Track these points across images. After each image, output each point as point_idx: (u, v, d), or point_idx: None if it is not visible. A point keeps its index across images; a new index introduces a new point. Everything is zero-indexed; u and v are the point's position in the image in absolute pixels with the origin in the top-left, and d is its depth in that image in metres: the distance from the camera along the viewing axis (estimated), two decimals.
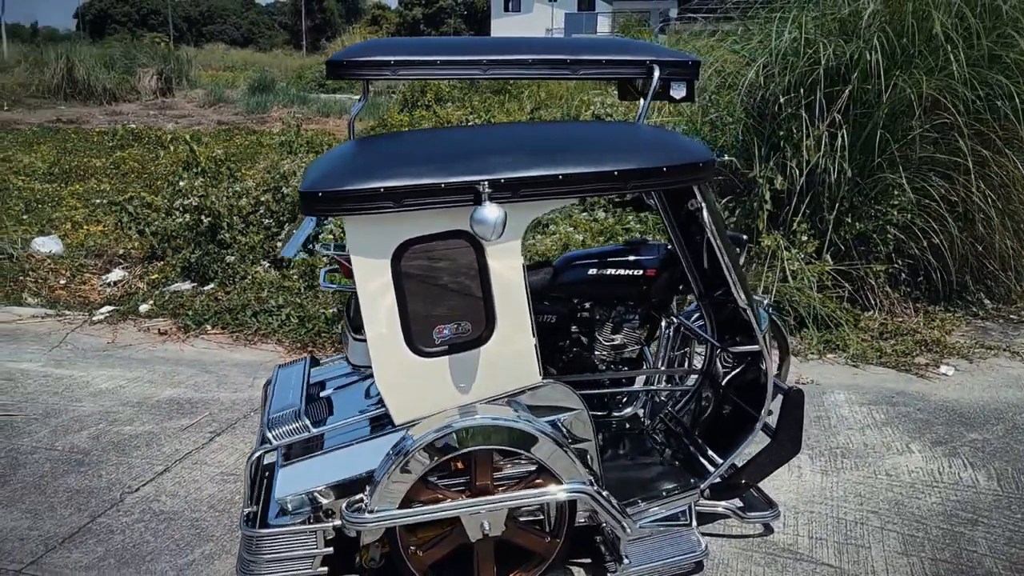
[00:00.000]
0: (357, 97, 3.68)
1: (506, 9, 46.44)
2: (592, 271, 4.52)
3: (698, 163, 3.30)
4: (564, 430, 3.39)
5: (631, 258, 4.55)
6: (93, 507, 3.94)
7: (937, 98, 6.41)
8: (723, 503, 3.80)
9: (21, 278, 7.64)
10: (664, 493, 3.66)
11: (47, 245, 8.81)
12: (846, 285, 6.54)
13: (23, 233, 9.38)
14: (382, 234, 3.06)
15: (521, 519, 3.38)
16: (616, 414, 4.54)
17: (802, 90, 6.62)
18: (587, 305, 4.57)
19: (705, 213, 3.43)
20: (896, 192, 6.59)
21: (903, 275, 6.88)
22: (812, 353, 6.06)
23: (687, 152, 3.34)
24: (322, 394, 3.72)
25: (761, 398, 3.75)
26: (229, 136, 18.20)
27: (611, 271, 4.51)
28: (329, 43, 50.23)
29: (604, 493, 3.34)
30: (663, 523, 3.60)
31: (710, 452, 3.86)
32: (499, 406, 3.27)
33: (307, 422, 3.33)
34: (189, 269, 7.66)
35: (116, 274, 8.13)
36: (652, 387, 4.52)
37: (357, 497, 3.17)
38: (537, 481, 3.25)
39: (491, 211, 2.89)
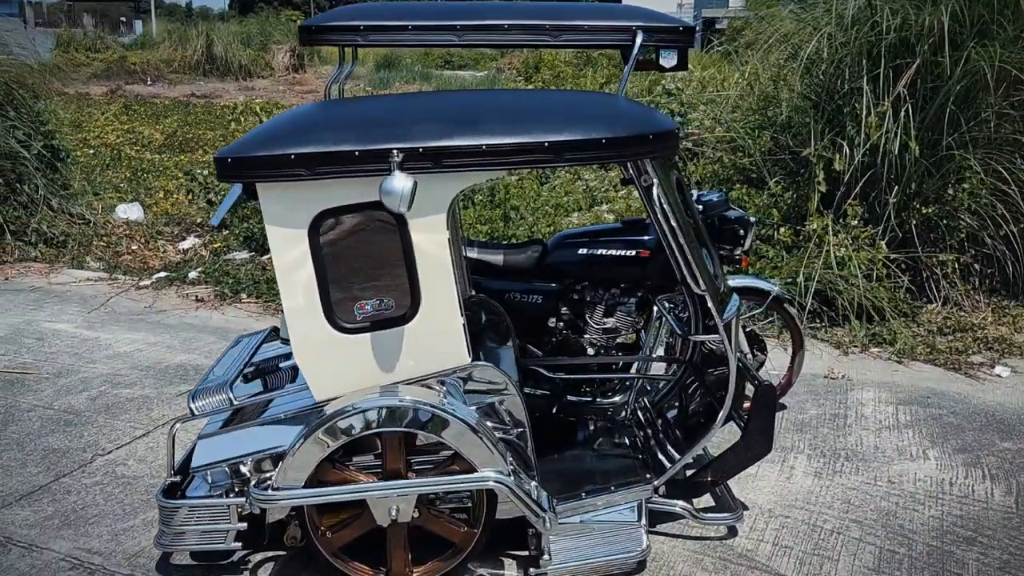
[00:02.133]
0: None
1: None
2: (582, 251, 4.33)
3: (647, 136, 3.05)
4: (490, 415, 3.22)
5: (624, 238, 4.33)
6: (61, 467, 4.03)
7: (1017, 74, 5.82)
8: (680, 502, 3.54)
9: (94, 243, 7.94)
10: (612, 488, 3.44)
11: (128, 212, 9.15)
12: (901, 276, 6.03)
13: (118, 200, 9.75)
14: (298, 203, 2.96)
15: (444, 506, 3.24)
16: (602, 401, 4.32)
17: (864, 62, 6.12)
18: (578, 286, 4.38)
19: (655, 190, 3.16)
20: (968, 175, 6.03)
21: (976, 266, 6.31)
22: (855, 346, 5.62)
23: (635, 124, 3.09)
24: (264, 367, 3.66)
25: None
26: None
27: (602, 251, 4.31)
28: None
29: (529, 484, 3.16)
30: (608, 520, 3.39)
31: (669, 447, 3.61)
32: (422, 387, 3.13)
33: (231, 395, 3.28)
34: (251, 239, 7.80)
35: (189, 242, 8.38)
36: (634, 375, 4.27)
37: (268, 474, 3.11)
38: (452, 467, 3.10)
39: (399, 181, 2.74)
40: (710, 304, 3.33)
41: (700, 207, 4.14)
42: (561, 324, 4.46)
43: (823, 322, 5.88)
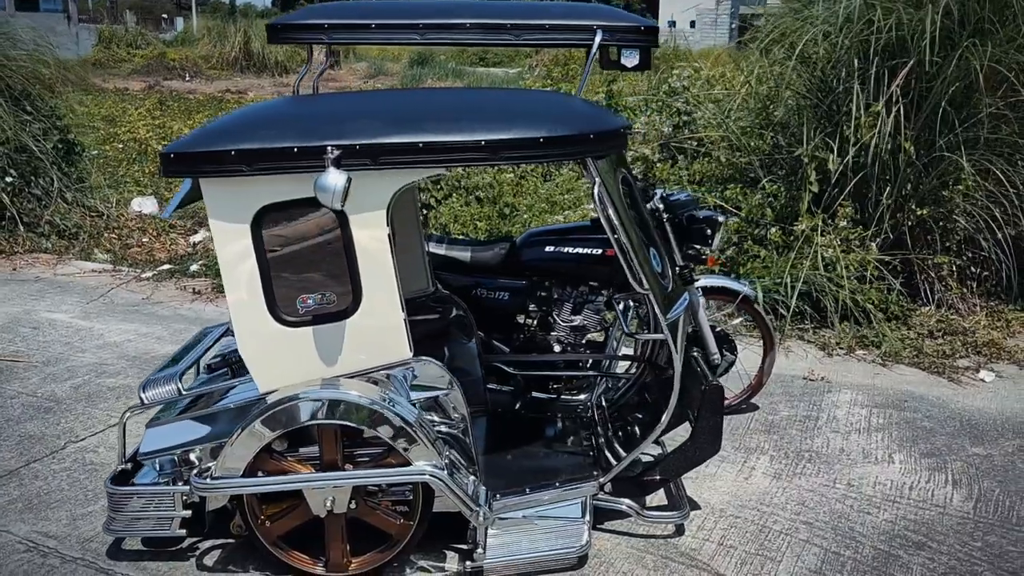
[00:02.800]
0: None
1: None
2: (550, 248, 4.35)
3: (587, 135, 3.07)
4: (431, 409, 3.27)
5: (592, 236, 4.35)
6: (33, 453, 4.14)
7: (1006, 74, 5.73)
8: (627, 500, 3.55)
9: (104, 235, 8.11)
10: (557, 484, 3.48)
11: (143, 205, 9.32)
12: (889, 277, 5.94)
13: (137, 193, 9.93)
14: (240, 198, 3.03)
15: (387, 499, 3.29)
16: (567, 398, 4.34)
17: (856, 60, 6.06)
18: (545, 284, 4.40)
19: (597, 189, 3.18)
20: (963, 175, 5.95)
21: (972, 269, 6.22)
22: (840, 348, 5.58)
23: (577, 123, 3.11)
24: (229, 358, 3.73)
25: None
26: None
27: (568, 249, 4.34)
28: None
29: (466, 479, 3.20)
30: (552, 516, 3.42)
31: (617, 446, 3.63)
32: (364, 381, 3.18)
33: (179, 385, 3.36)
34: None
35: (200, 235, 8.51)
36: (595, 372, 4.29)
37: (210, 463, 3.18)
38: (388, 460, 3.14)
39: (332, 177, 2.80)
40: (653, 304, 3.34)
41: (663, 206, 4.14)
42: (529, 321, 4.50)
43: (811, 323, 5.84)
